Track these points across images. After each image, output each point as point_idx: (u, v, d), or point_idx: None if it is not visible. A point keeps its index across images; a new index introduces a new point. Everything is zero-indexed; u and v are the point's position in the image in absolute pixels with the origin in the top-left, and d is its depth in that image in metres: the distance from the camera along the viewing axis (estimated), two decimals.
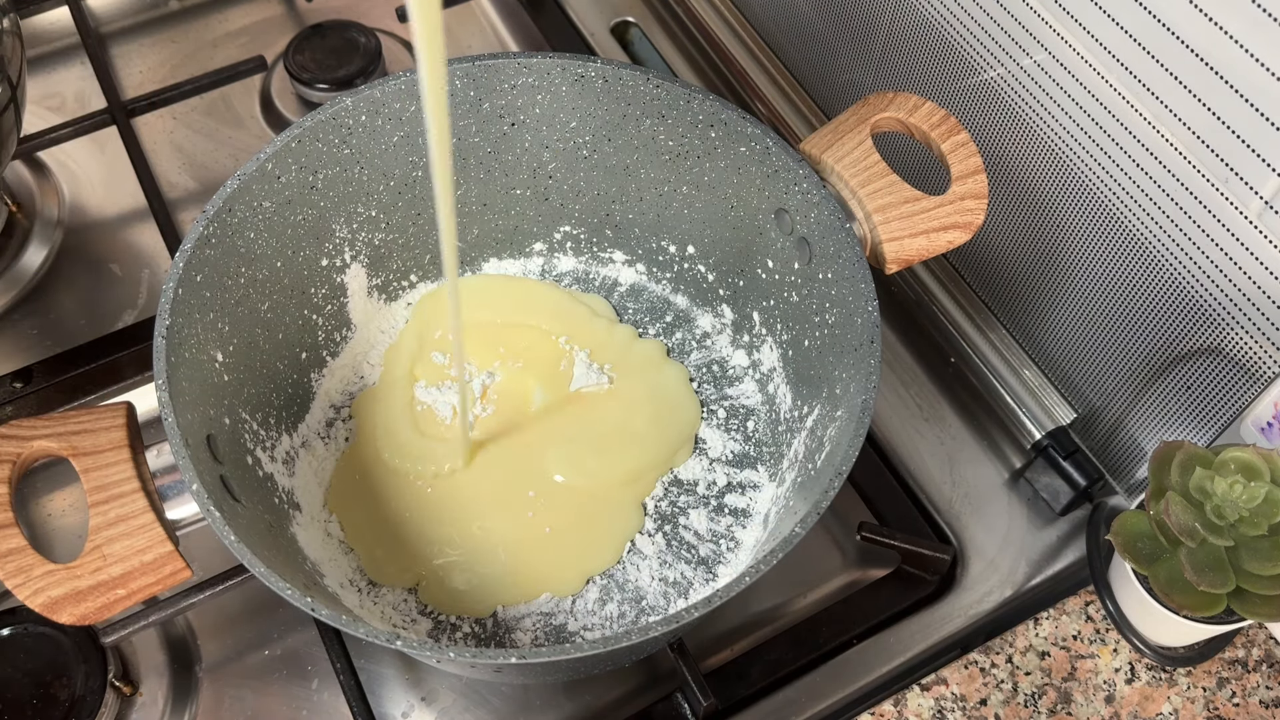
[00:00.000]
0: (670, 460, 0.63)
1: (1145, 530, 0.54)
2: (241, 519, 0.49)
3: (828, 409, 0.56)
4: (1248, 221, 0.50)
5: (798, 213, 0.57)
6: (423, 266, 0.67)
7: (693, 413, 0.65)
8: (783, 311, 0.62)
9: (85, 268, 0.75)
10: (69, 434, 0.48)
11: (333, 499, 0.61)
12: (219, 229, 0.53)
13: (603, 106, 0.60)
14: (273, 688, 0.59)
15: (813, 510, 0.46)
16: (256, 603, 0.62)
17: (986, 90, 0.61)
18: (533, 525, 0.60)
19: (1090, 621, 0.61)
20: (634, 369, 0.66)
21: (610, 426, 0.64)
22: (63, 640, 0.57)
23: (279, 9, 0.89)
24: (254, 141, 0.82)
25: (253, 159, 0.54)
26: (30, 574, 0.45)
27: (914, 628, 0.62)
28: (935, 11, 0.62)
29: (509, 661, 0.44)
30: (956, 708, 0.59)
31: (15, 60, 0.67)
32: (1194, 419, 0.58)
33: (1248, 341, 0.53)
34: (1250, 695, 0.59)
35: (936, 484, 0.67)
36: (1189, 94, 0.49)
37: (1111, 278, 0.59)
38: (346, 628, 0.43)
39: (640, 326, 0.68)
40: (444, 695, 0.59)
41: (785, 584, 0.63)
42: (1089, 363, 0.64)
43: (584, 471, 0.62)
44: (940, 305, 0.71)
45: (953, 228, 0.54)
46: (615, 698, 0.60)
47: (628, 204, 0.65)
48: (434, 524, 0.60)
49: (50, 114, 0.82)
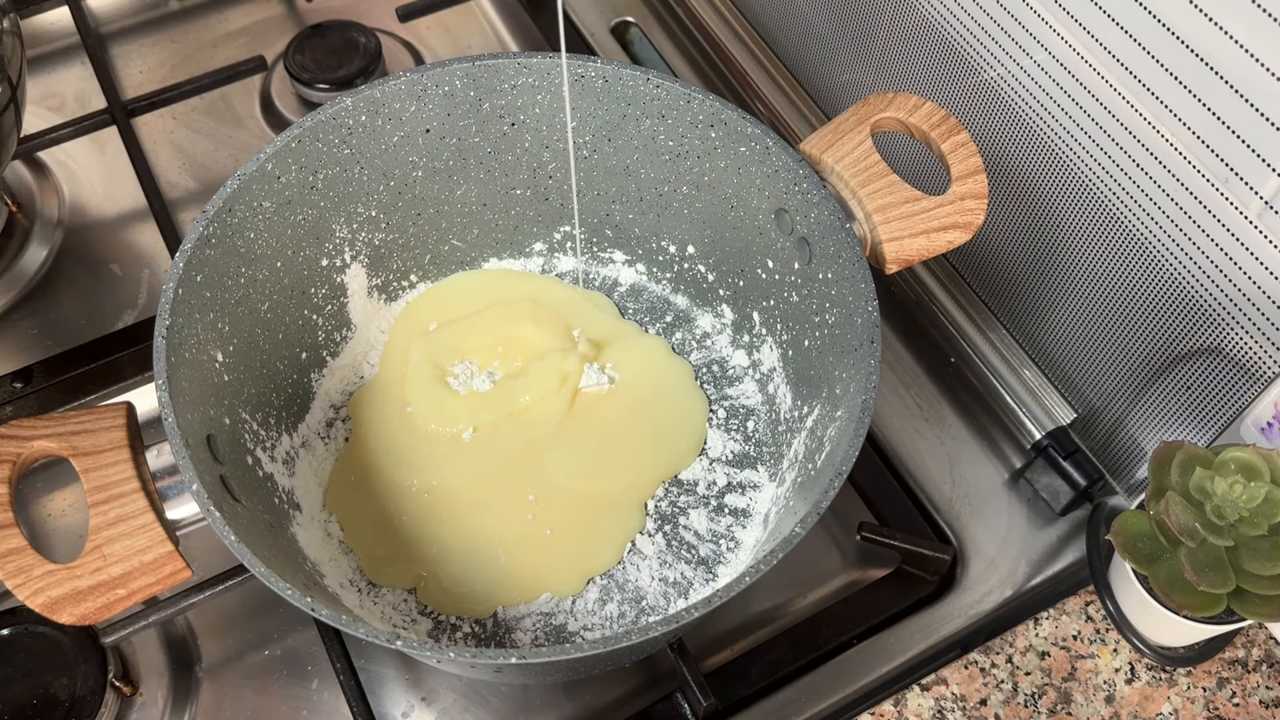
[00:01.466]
0: (676, 466, 0.63)
1: (1145, 530, 0.54)
2: (241, 519, 0.49)
3: (828, 409, 0.56)
4: (1248, 221, 0.50)
5: (798, 213, 0.57)
6: (423, 266, 0.67)
7: (699, 416, 0.65)
8: (783, 311, 0.62)
9: (85, 268, 0.75)
10: (69, 434, 0.47)
11: (331, 499, 0.61)
12: (219, 229, 0.53)
13: (603, 106, 0.60)
14: (273, 688, 0.59)
15: (813, 510, 0.46)
16: (256, 603, 0.61)
17: (986, 90, 0.61)
18: (533, 527, 0.60)
19: (1090, 621, 0.61)
20: (638, 367, 0.66)
21: (612, 430, 0.64)
22: (63, 640, 0.57)
23: (279, 9, 0.89)
24: (254, 141, 0.82)
25: (253, 159, 0.54)
26: (30, 574, 0.45)
27: (914, 628, 0.62)
28: (935, 11, 0.62)
29: (509, 661, 0.44)
30: (956, 708, 0.59)
31: (15, 60, 0.67)
32: (1194, 419, 0.58)
33: (1248, 341, 0.53)
34: (1250, 695, 0.59)
35: (936, 484, 0.67)
36: (1189, 94, 0.49)
37: (1111, 278, 0.59)
38: (346, 628, 0.43)
39: (640, 327, 0.68)
40: (444, 695, 0.59)
41: (785, 584, 0.63)
42: (1089, 363, 0.64)
43: (586, 477, 0.62)
44: (940, 305, 0.71)
45: (953, 228, 0.54)
46: (615, 698, 0.60)
47: (628, 204, 0.65)
48: (433, 525, 0.60)
49: (50, 114, 0.82)
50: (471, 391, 0.65)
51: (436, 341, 0.66)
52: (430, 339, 0.66)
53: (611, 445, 0.63)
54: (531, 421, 0.64)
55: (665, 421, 0.64)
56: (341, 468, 0.62)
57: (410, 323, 0.67)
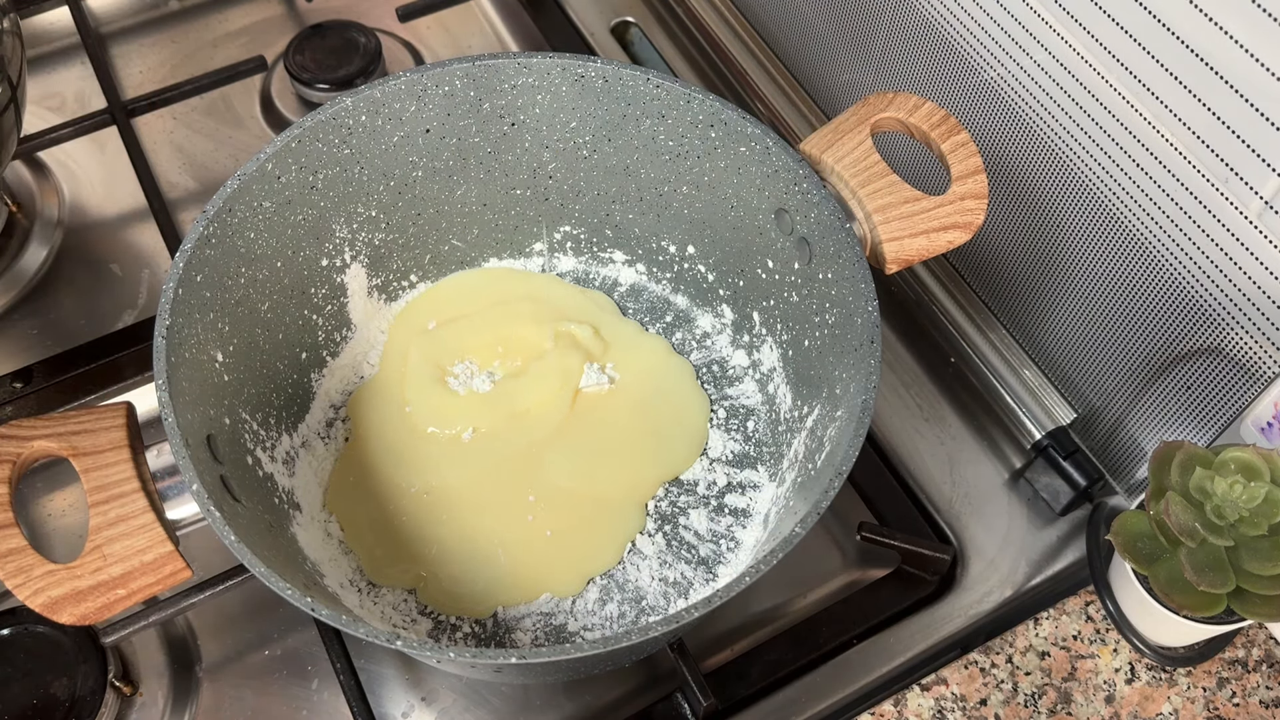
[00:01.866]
0: (677, 467, 0.63)
1: (1145, 530, 0.54)
2: (241, 519, 0.49)
3: (828, 409, 0.56)
4: (1248, 221, 0.50)
5: (798, 213, 0.57)
6: (423, 266, 0.67)
7: (700, 416, 0.64)
8: (783, 311, 0.62)
9: (85, 268, 0.75)
10: (69, 434, 0.47)
11: (331, 499, 0.61)
12: (219, 229, 0.53)
13: (603, 106, 0.60)
14: (273, 688, 0.59)
15: (813, 510, 0.46)
16: (256, 603, 0.61)
17: (986, 90, 0.61)
18: (533, 528, 0.60)
19: (1090, 622, 0.61)
20: (638, 367, 0.66)
21: (613, 430, 0.64)
22: (63, 640, 0.57)
23: (279, 9, 0.89)
24: (254, 141, 0.82)
25: (253, 159, 0.54)
26: (30, 574, 0.45)
27: (914, 628, 0.62)
28: (935, 11, 0.62)
29: (509, 661, 0.44)
30: (956, 708, 0.59)
31: (15, 60, 0.67)
32: (1194, 419, 0.58)
33: (1248, 341, 0.53)
34: (1250, 695, 0.59)
35: (936, 484, 0.67)
36: (1189, 94, 0.49)
37: (1111, 278, 0.59)
38: (346, 628, 0.43)
39: (641, 326, 0.68)
40: (444, 695, 0.59)
41: (785, 584, 0.63)
42: (1089, 363, 0.64)
43: (586, 478, 0.62)
44: (940, 305, 0.71)
45: (953, 228, 0.54)
46: (615, 698, 0.60)
47: (628, 204, 0.65)
48: (433, 525, 0.60)
49: (50, 114, 0.82)
50: (471, 392, 0.65)
51: (436, 341, 0.66)
52: (430, 338, 0.66)
53: (612, 446, 0.63)
54: (531, 422, 0.64)
55: (666, 421, 0.64)
56: (341, 468, 0.62)
57: (410, 322, 0.67)
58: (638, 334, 0.67)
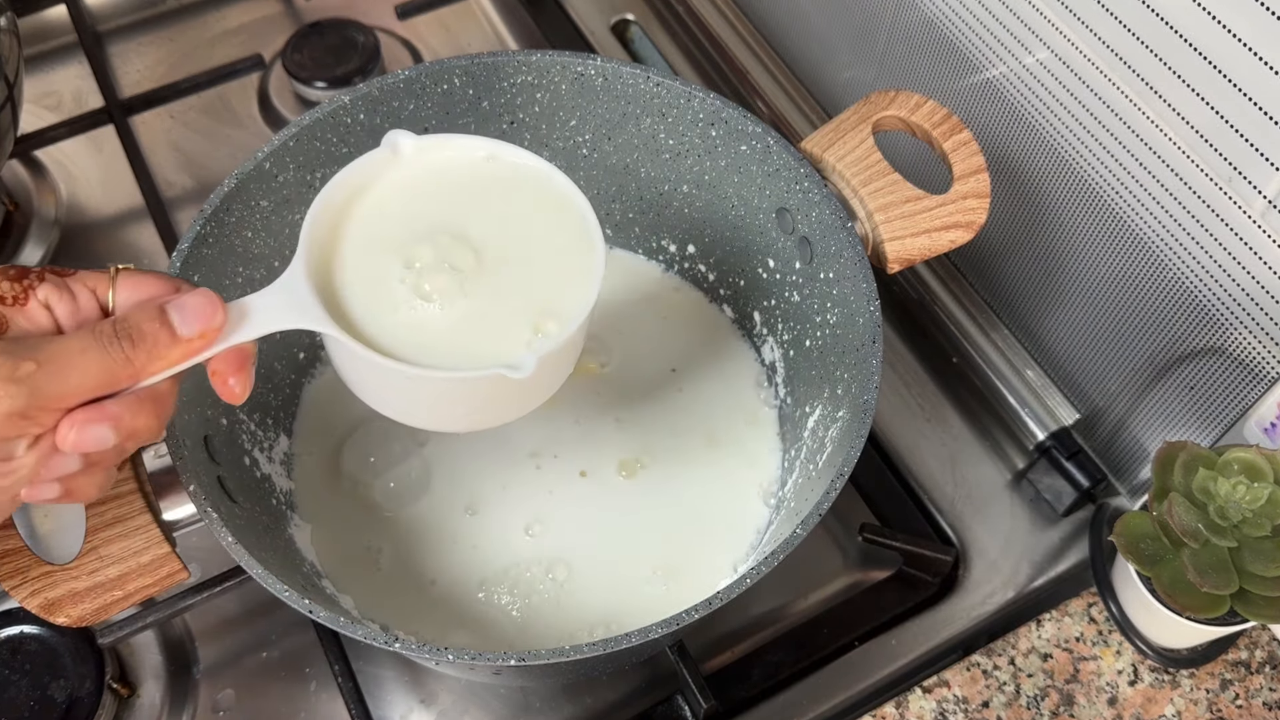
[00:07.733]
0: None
1: (1148, 531, 0.54)
2: (239, 520, 0.49)
3: (829, 409, 0.56)
4: (1251, 221, 0.49)
5: (799, 212, 0.56)
6: None
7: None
8: (784, 311, 0.61)
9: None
10: None
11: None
12: (216, 228, 0.53)
13: (603, 105, 0.60)
14: (271, 690, 0.59)
15: (814, 511, 0.46)
16: (254, 604, 0.61)
17: (989, 88, 0.61)
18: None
19: (1093, 623, 0.61)
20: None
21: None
22: (60, 642, 0.57)
23: (277, 7, 0.89)
24: (252, 140, 0.81)
25: (250, 158, 0.54)
26: (27, 575, 0.45)
27: (916, 629, 0.61)
28: (937, 9, 0.62)
29: (508, 664, 0.44)
30: (959, 710, 0.58)
31: (12, 59, 0.67)
32: (1197, 419, 0.58)
33: (1251, 341, 0.52)
34: (1253, 697, 0.59)
35: (938, 485, 0.66)
36: (1192, 92, 0.49)
37: (1114, 277, 0.59)
38: (345, 630, 0.43)
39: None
40: (443, 697, 0.59)
41: (786, 585, 0.63)
42: (1092, 363, 0.64)
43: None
44: (942, 305, 0.71)
45: (955, 227, 0.54)
46: (616, 700, 0.60)
47: (628, 203, 0.65)
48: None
49: (47, 113, 0.82)
50: None
51: None
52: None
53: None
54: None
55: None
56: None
57: None
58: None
